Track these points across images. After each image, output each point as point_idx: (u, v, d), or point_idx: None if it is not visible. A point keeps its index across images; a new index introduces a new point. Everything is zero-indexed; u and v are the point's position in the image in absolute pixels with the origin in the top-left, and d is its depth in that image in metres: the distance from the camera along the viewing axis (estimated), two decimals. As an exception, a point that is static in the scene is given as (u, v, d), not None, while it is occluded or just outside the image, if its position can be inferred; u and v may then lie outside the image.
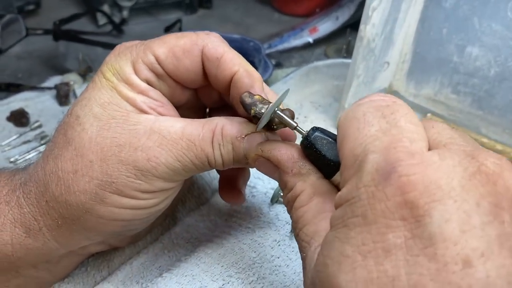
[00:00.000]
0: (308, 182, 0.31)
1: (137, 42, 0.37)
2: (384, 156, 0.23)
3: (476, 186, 0.21)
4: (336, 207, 0.25)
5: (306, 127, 0.32)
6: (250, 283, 0.39)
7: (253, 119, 0.33)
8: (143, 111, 0.34)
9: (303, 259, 0.28)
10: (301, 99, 0.67)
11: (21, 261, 0.36)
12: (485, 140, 0.59)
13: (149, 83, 0.35)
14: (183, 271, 0.40)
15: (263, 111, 0.32)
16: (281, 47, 0.85)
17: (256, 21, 0.98)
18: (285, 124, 0.33)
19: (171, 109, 0.36)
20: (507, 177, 0.22)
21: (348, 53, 0.82)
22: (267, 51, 0.81)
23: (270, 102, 0.33)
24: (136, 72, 0.35)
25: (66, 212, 0.34)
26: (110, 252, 0.43)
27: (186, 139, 0.33)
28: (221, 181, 0.42)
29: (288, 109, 0.33)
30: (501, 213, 0.21)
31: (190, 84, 0.38)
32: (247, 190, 0.48)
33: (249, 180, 0.44)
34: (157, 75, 0.36)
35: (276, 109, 0.32)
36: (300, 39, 0.85)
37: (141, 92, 0.35)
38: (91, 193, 0.33)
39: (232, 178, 0.41)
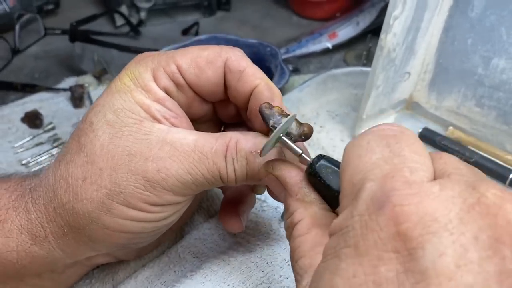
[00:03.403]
0: (308, 211, 0.30)
1: (159, 52, 0.37)
2: (381, 185, 0.22)
3: (474, 219, 0.20)
4: (330, 236, 0.24)
5: (321, 137, 0.31)
6: (256, 304, 0.37)
7: (270, 130, 0.32)
8: (157, 120, 0.34)
9: None
10: (318, 107, 0.65)
11: (26, 269, 0.35)
12: (509, 157, 0.56)
13: (167, 92, 0.35)
14: (188, 288, 0.38)
15: (281, 122, 0.31)
16: (299, 52, 0.83)
17: (275, 24, 0.97)
18: (289, 149, 0.32)
19: (185, 122, 0.36)
20: (509, 209, 0.20)
21: (368, 60, 0.80)
22: (285, 56, 0.79)
23: (289, 115, 0.32)
24: (156, 80, 0.35)
25: (72, 220, 0.33)
26: (115, 265, 0.42)
27: (199, 151, 0.33)
28: (223, 203, 0.42)
29: (307, 125, 0.32)
30: (501, 248, 0.19)
31: (210, 97, 0.37)
32: (257, 204, 0.46)
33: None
34: (177, 85, 0.35)
35: (281, 134, 0.31)
36: (318, 44, 0.83)
37: (157, 100, 0.34)
38: (98, 202, 0.32)
39: (234, 203, 0.41)
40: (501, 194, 0.20)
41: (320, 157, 0.30)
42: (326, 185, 0.30)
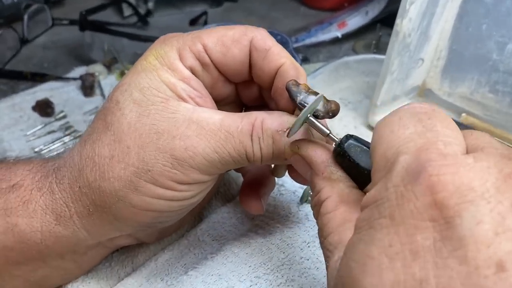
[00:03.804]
0: (336, 188, 0.30)
1: (183, 33, 0.37)
2: (416, 157, 0.22)
3: (511, 188, 0.20)
4: (362, 209, 0.24)
5: (334, 124, 0.31)
6: (278, 285, 0.37)
7: (297, 107, 0.32)
8: (182, 99, 0.34)
9: (326, 268, 0.27)
10: (330, 95, 0.64)
11: (49, 250, 0.35)
12: (524, 142, 0.56)
13: (193, 72, 0.35)
14: (209, 269, 0.38)
15: (308, 99, 0.31)
16: (308, 41, 0.83)
17: (282, 14, 0.96)
18: (316, 129, 0.32)
19: (209, 102, 0.36)
20: None
21: (378, 49, 0.80)
22: (294, 45, 0.79)
23: (316, 93, 0.32)
24: (181, 59, 0.35)
25: (98, 199, 0.33)
26: (134, 248, 0.42)
27: (225, 130, 0.33)
28: (243, 186, 0.42)
29: (334, 102, 0.32)
30: None
31: (234, 76, 0.37)
32: (275, 188, 0.46)
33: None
34: (203, 64, 0.35)
35: (308, 115, 0.31)
36: (328, 33, 0.83)
37: (183, 79, 0.34)
38: (126, 180, 0.32)
39: (255, 185, 0.41)
40: None
41: (349, 136, 0.30)
42: (355, 164, 0.29)
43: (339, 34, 0.83)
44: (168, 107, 0.33)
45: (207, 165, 0.33)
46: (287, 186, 0.48)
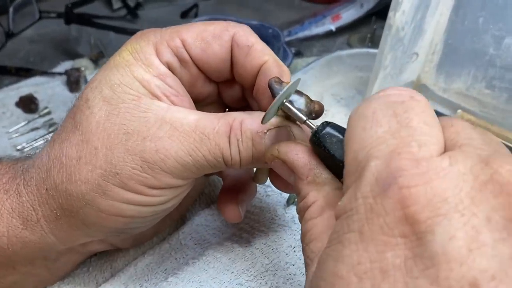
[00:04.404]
0: (321, 192, 0.28)
1: (162, 28, 0.35)
2: (386, 164, 0.21)
3: (487, 198, 0.19)
4: (336, 219, 0.23)
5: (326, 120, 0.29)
6: (261, 292, 0.36)
7: (279, 107, 0.31)
8: (156, 97, 0.32)
9: (306, 278, 0.26)
10: (322, 91, 0.63)
11: (17, 255, 0.33)
12: (521, 140, 0.54)
13: (170, 68, 0.33)
14: (190, 276, 0.37)
15: (291, 98, 0.30)
16: (301, 34, 0.80)
17: (276, 7, 0.94)
18: (293, 117, 0.30)
19: (187, 101, 0.34)
20: None
21: (373, 43, 0.78)
22: (287, 39, 0.77)
23: (301, 92, 0.30)
24: (158, 54, 0.33)
25: (65, 203, 0.32)
26: (113, 252, 0.41)
27: (200, 132, 0.31)
28: (221, 192, 0.40)
29: (318, 102, 0.30)
30: None
31: (215, 74, 0.35)
32: (261, 189, 0.44)
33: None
34: (181, 60, 0.34)
35: (284, 100, 0.29)
36: (322, 26, 0.81)
37: (158, 76, 0.32)
38: (93, 183, 0.31)
39: (234, 191, 0.39)
40: None
41: (326, 124, 0.28)
42: (330, 154, 0.28)
43: (333, 27, 0.80)
44: (139, 105, 0.31)
45: (180, 169, 0.31)
46: (274, 187, 0.46)
